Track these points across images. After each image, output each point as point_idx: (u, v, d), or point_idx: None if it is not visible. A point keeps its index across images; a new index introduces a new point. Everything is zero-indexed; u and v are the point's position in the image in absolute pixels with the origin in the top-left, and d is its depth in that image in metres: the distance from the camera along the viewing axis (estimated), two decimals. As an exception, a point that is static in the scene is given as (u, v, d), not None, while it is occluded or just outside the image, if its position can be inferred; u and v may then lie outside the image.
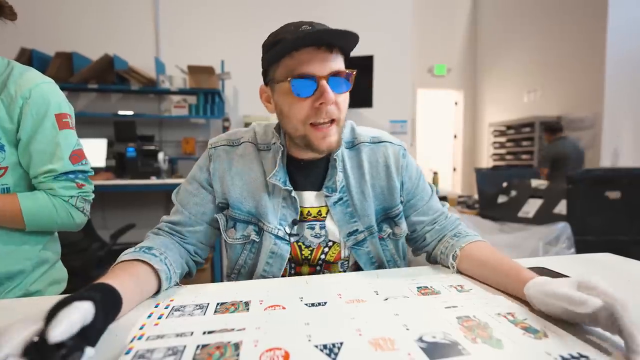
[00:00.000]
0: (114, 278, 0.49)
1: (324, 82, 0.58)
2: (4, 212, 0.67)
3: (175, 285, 0.61)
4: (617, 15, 3.35)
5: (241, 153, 0.71)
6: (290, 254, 0.70)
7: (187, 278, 0.69)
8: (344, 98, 0.64)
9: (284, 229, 0.69)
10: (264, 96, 0.69)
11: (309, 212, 0.70)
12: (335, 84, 0.60)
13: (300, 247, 0.71)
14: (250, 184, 0.69)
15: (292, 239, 0.70)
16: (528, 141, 4.11)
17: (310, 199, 0.70)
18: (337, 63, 0.61)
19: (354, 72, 0.63)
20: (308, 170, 0.70)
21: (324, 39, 0.58)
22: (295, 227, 0.70)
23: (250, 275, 0.71)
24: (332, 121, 0.62)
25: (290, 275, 0.72)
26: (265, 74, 0.66)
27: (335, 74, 0.60)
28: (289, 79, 0.59)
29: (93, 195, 0.79)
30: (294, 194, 0.68)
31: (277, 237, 0.68)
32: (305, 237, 0.70)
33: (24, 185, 0.73)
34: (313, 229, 0.70)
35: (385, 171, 0.73)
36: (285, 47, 0.58)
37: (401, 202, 0.74)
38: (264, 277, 0.69)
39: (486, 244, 0.67)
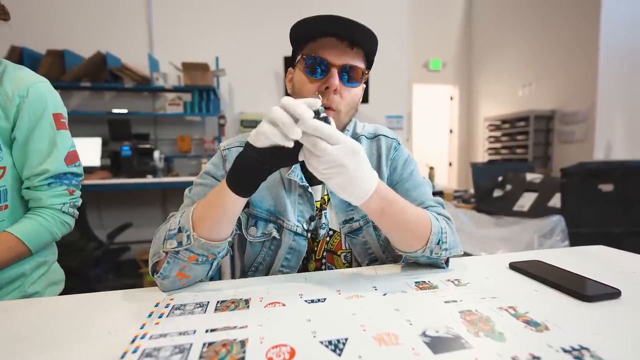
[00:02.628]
0: None
1: (334, 70, 0.62)
2: (7, 250, 0.66)
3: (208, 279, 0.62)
4: (610, 9, 3.37)
5: None
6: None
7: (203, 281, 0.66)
8: (352, 93, 0.66)
9: (302, 226, 0.71)
10: (289, 76, 0.72)
11: (321, 204, 0.73)
12: (345, 76, 0.63)
13: (313, 239, 0.73)
14: (268, 182, 0.70)
15: (309, 234, 0.72)
16: (523, 135, 4.14)
17: (318, 191, 0.73)
18: (354, 59, 0.64)
19: (366, 72, 0.66)
20: None
21: (344, 30, 0.61)
22: (312, 223, 0.72)
23: (267, 271, 0.72)
24: (333, 110, 0.64)
25: (298, 270, 0.73)
26: (293, 55, 0.70)
27: (348, 67, 0.63)
28: (304, 56, 0.64)
29: (81, 200, 0.79)
30: (310, 189, 0.71)
31: (295, 233, 0.70)
32: (317, 230, 0.72)
33: (20, 189, 0.72)
34: (320, 218, 0.72)
35: (377, 162, 0.75)
36: (307, 19, 0.62)
37: None
38: (281, 271, 0.70)
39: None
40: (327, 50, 0.62)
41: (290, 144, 0.46)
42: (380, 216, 0.57)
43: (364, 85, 0.70)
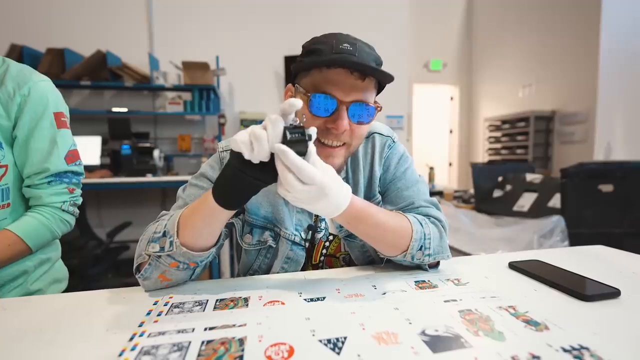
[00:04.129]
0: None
1: (343, 110, 0.57)
2: (7, 247, 0.66)
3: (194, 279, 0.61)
4: (610, 11, 3.37)
5: None
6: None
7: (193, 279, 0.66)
8: (363, 129, 0.62)
9: (300, 235, 0.69)
10: (288, 94, 0.67)
11: None
12: (355, 112, 0.59)
13: (310, 243, 0.71)
14: (265, 189, 0.68)
15: (307, 244, 0.70)
16: (523, 136, 4.14)
17: None
18: (365, 93, 0.59)
19: (379, 107, 0.62)
20: None
21: (357, 67, 0.56)
22: (310, 233, 0.70)
23: None
24: (343, 144, 0.61)
25: None
26: (294, 74, 0.65)
27: (360, 105, 0.58)
28: (309, 93, 0.58)
29: (81, 199, 0.79)
30: None
31: (293, 242, 0.68)
32: (315, 235, 0.70)
33: (21, 187, 0.73)
34: (317, 223, 0.71)
35: (371, 162, 0.73)
36: (318, 61, 0.57)
37: (379, 192, 0.73)
38: None
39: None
40: (335, 85, 0.57)
41: (255, 161, 0.44)
42: (350, 228, 0.57)
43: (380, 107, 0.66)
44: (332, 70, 0.57)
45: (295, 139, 0.44)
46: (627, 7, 3.40)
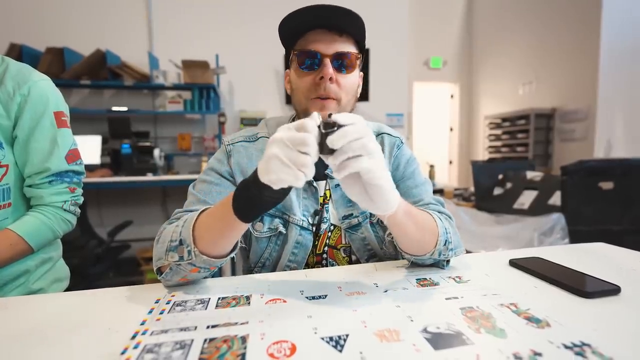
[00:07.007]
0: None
1: (326, 60, 0.62)
2: (9, 247, 0.66)
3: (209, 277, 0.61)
4: (610, 8, 3.36)
5: (260, 147, 0.72)
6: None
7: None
8: (349, 80, 0.65)
9: (307, 220, 0.71)
10: (286, 78, 0.72)
11: (323, 199, 0.73)
12: (339, 64, 0.63)
13: (315, 233, 0.73)
14: None
15: (314, 229, 0.72)
16: (523, 133, 4.13)
17: (321, 186, 0.73)
18: (345, 46, 0.64)
19: (360, 55, 0.66)
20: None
21: (328, 19, 0.61)
22: (317, 217, 0.72)
23: (274, 267, 0.72)
24: (334, 99, 0.64)
25: None
26: (286, 56, 0.70)
27: (340, 54, 0.63)
28: (295, 52, 0.64)
29: (82, 198, 0.79)
30: (315, 184, 0.71)
31: (302, 228, 0.71)
32: (320, 225, 0.72)
33: (22, 187, 0.73)
34: (322, 213, 0.72)
35: None
36: (292, 24, 0.63)
37: None
38: (288, 267, 0.70)
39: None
40: (316, 43, 0.62)
41: (300, 185, 0.44)
42: (396, 221, 0.53)
43: (362, 74, 0.70)
44: (311, 33, 0.63)
45: (331, 131, 0.43)
46: (627, 4, 3.39)
